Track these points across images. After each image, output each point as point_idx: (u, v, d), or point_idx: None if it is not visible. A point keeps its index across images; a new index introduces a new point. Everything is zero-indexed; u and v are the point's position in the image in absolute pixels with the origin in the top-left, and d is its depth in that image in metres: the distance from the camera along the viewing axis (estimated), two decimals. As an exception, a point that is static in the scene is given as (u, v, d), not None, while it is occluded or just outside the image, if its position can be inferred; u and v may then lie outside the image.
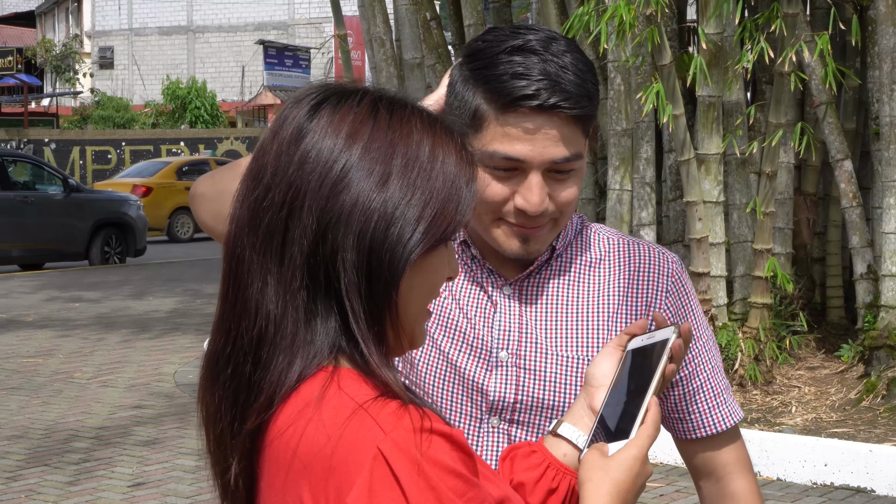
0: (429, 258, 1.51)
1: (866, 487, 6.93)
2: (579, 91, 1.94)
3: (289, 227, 1.48)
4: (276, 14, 52.41)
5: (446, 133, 1.54)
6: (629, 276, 2.09)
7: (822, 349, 9.25)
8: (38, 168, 21.52)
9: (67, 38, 58.00)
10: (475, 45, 1.99)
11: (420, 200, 1.48)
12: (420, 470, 1.41)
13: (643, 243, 2.14)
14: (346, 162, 1.48)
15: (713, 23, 8.37)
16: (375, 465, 1.42)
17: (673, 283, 2.11)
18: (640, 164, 9.18)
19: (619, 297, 2.08)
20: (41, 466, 7.76)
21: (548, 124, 1.93)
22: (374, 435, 1.43)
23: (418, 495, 1.41)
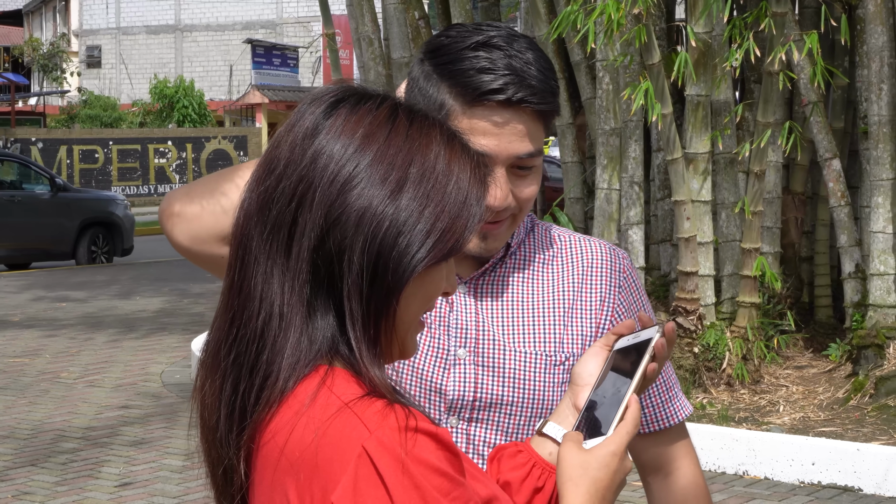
0: (431, 271, 1.52)
1: (854, 486, 6.93)
2: (544, 87, 1.96)
3: (297, 220, 1.49)
4: (264, 13, 52.34)
5: (463, 149, 1.55)
6: (582, 272, 2.11)
7: (809, 348, 9.26)
8: (24, 167, 21.45)
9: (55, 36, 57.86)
10: (438, 41, 1.99)
11: (432, 213, 1.49)
12: (404, 468, 1.42)
13: (594, 240, 2.16)
14: (359, 164, 1.49)
15: (702, 22, 8.36)
16: (360, 464, 1.42)
17: (624, 278, 2.14)
18: (629, 164, 9.18)
19: (573, 293, 2.09)
20: (28, 467, 7.73)
21: (514, 119, 1.94)
22: (359, 433, 1.43)
23: (402, 494, 1.41)
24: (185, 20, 53.61)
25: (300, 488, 1.45)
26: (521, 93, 1.92)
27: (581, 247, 2.14)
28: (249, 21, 52.22)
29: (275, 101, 42.27)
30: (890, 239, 8.53)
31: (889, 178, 8.54)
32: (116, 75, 54.78)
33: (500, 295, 2.07)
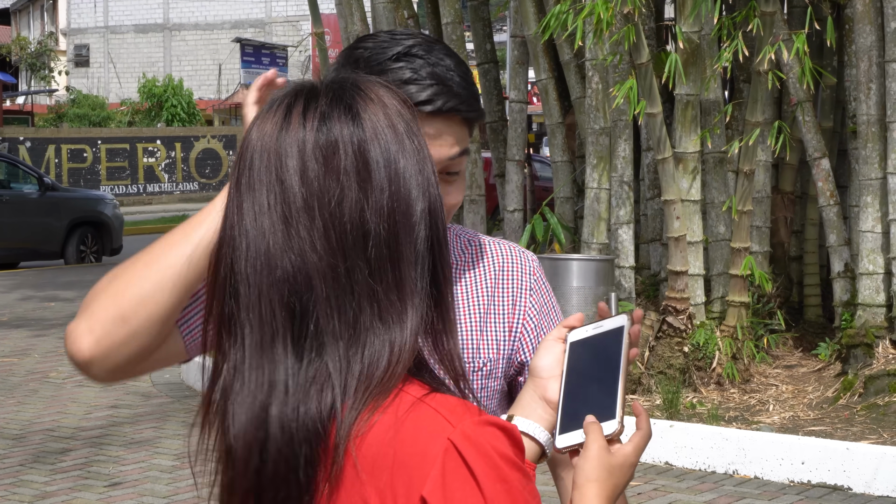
0: None
1: (843, 485, 6.94)
2: (468, 94, 1.98)
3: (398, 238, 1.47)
4: (252, 12, 52.29)
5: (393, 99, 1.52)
6: (494, 276, 2.14)
7: (799, 347, 9.28)
8: (13, 166, 21.39)
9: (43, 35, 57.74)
10: (356, 54, 1.98)
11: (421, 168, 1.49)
12: (491, 461, 1.42)
13: (503, 243, 2.19)
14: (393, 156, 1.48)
15: (691, 21, 8.37)
16: (448, 458, 1.41)
17: (535, 280, 2.17)
18: (618, 163, 9.18)
19: (487, 298, 2.12)
20: (17, 467, 7.71)
21: (444, 128, 1.96)
22: (441, 427, 1.43)
23: (491, 486, 1.41)
24: (173, 19, 53.53)
25: (380, 488, 1.43)
26: (450, 102, 1.94)
27: (492, 251, 2.17)
28: (238, 20, 52.17)
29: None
30: (879, 238, 8.55)
31: (878, 178, 8.56)
32: (105, 74, 54.68)
33: None
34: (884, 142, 8.53)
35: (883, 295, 8.52)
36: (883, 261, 8.54)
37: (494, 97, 11.16)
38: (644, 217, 9.86)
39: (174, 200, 36.97)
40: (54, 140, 35.31)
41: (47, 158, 34.45)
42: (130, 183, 36.48)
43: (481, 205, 10.48)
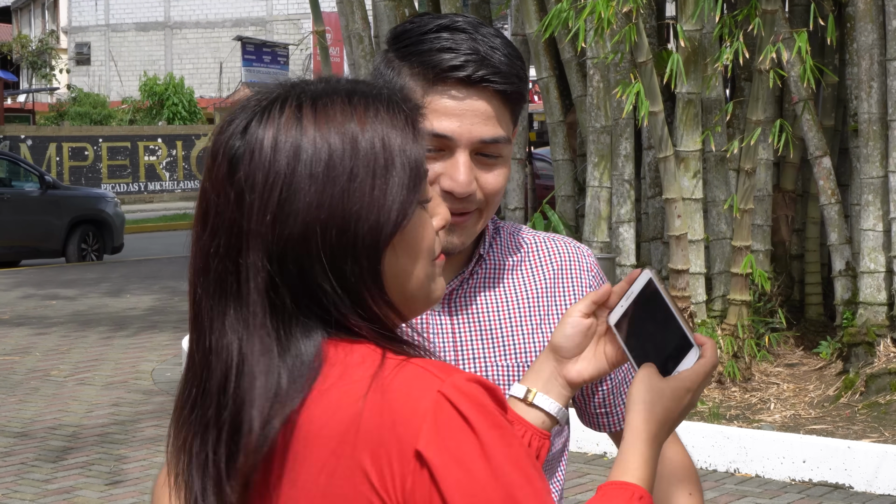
0: (400, 234, 1.49)
1: (844, 484, 6.94)
2: (509, 69, 1.89)
3: (239, 268, 1.47)
4: (253, 10, 52.27)
5: (375, 108, 1.50)
6: (553, 274, 2.08)
7: (800, 346, 9.27)
8: (14, 165, 21.39)
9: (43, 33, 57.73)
10: (401, 28, 1.95)
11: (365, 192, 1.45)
12: (484, 409, 1.42)
13: (559, 239, 2.12)
14: (283, 181, 1.45)
15: (692, 20, 8.36)
16: (440, 408, 1.40)
17: (593, 276, 2.11)
18: (619, 161, 9.18)
19: (547, 298, 2.06)
20: (18, 465, 7.72)
21: (476, 99, 1.88)
22: (430, 381, 1.42)
23: (486, 432, 1.40)
24: (174, 17, 53.53)
25: (375, 454, 1.41)
26: (482, 71, 1.86)
27: (548, 248, 2.10)
28: (239, 18, 52.16)
29: (265, 98, 42.11)
30: (880, 237, 8.55)
31: (879, 176, 8.55)
32: (106, 72, 54.67)
33: (473, 308, 2.02)
34: (885, 140, 8.53)
35: (884, 293, 8.52)
36: (884, 259, 8.54)
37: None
38: (645, 215, 9.86)
39: (175, 199, 36.98)
40: (55, 138, 35.30)
41: (48, 157, 34.45)
42: (131, 181, 36.48)
43: (482, 203, 10.46)
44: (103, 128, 39.41)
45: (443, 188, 1.89)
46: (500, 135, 1.91)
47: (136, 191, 36.49)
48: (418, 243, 1.51)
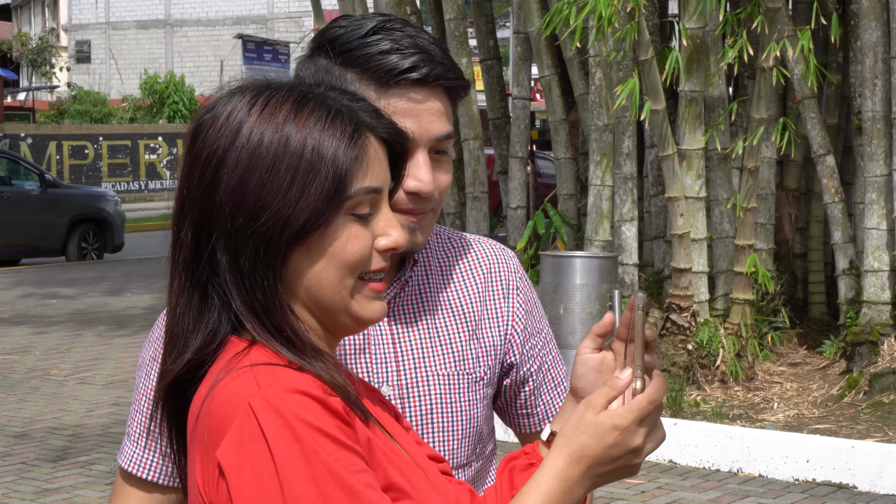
0: (317, 237, 1.54)
1: (848, 483, 6.91)
2: (452, 64, 1.92)
3: (178, 236, 1.59)
4: (254, 8, 52.27)
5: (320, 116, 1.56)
6: (482, 277, 2.08)
7: (803, 345, 9.25)
8: (14, 163, 21.37)
9: (43, 31, 57.73)
10: (331, 34, 1.92)
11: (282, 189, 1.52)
12: (286, 424, 1.45)
13: (484, 241, 2.13)
14: (217, 158, 1.55)
15: (695, 18, 8.34)
16: (244, 420, 1.46)
17: (519, 278, 2.11)
18: (622, 160, 9.15)
19: (479, 303, 2.06)
20: (18, 464, 7.69)
21: (431, 97, 1.90)
22: (249, 391, 1.48)
23: (282, 448, 1.44)
24: (175, 15, 53.52)
25: (203, 449, 1.50)
26: (436, 69, 1.88)
27: (475, 251, 2.10)
28: (240, 16, 52.16)
29: (265, 96, 42.13)
30: (884, 235, 8.52)
31: (883, 175, 8.52)
32: (106, 70, 54.67)
33: (412, 316, 2.02)
34: (889, 138, 8.50)
35: (888, 292, 8.49)
36: (888, 258, 8.51)
37: (497, 94, 11.12)
38: (647, 214, 9.83)
39: (176, 197, 36.94)
40: (55, 136, 35.29)
41: (48, 155, 34.43)
42: (132, 180, 36.47)
43: (484, 202, 10.45)
44: (104, 126, 39.41)
45: (407, 190, 1.89)
46: (450, 130, 1.94)
47: (136, 189, 36.48)
48: (338, 253, 1.55)
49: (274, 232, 1.52)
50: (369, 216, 1.58)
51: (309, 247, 1.54)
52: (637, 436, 1.61)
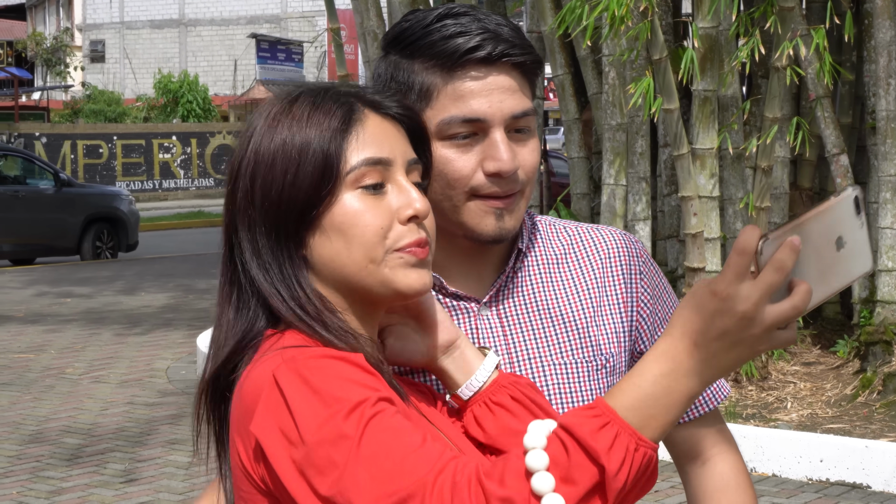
0: (329, 216, 1.60)
1: (862, 483, 6.90)
2: (521, 41, 1.86)
3: (224, 239, 1.69)
4: (268, 7, 52.32)
5: (310, 110, 1.64)
6: (601, 264, 2.01)
7: (817, 345, 9.23)
8: (28, 162, 21.43)
9: (58, 31, 57.86)
10: (396, 30, 1.90)
11: (278, 180, 1.61)
12: (300, 375, 1.49)
13: (602, 228, 2.06)
14: (238, 164, 1.65)
15: (709, 17, 8.33)
16: (269, 390, 1.50)
17: (643, 262, 2.04)
18: (635, 159, 9.15)
19: (598, 289, 1.99)
20: (33, 463, 7.72)
21: (499, 76, 1.84)
22: (274, 365, 1.53)
23: (293, 390, 1.48)
24: (189, 14, 53.61)
25: (242, 431, 1.54)
26: (500, 47, 1.82)
27: (592, 238, 2.03)
28: (254, 16, 52.21)
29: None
30: (898, 235, 8.50)
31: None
32: (120, 70, 54.78)
33: (523, 306, 1.96)
34: (903, 138, 8.48)
35: (902, 292, 8.48)
36: (902, 257, 8.49)
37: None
38: (661, 213, 9.82)
39: (190, 196, 37.02)
40: (70, 136, 35.37)
41: (63, 154, 34.52)
42: (146, 179, 36.54)
43: (497, 201, 10.44)
44: (118, 125, 39.49)
45: (487, 172, 1.84)
46: (528, 107, 1.87)
47: (150, 188, 36.55)
48: (352, 227, 1.60)
49: (281, 218, 1.61)
50: (380, 187, 1.62)
51: (323, 227, 1.60)
52: (745, 301, 1.41)
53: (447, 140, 1.83)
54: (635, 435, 1.42)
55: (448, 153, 1.83)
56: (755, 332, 1.42)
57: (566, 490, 1.40)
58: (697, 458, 2.09)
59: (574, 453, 1.41)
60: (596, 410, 1.43)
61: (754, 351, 1.43)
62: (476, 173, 1.83)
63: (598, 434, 1.41)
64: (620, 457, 1.40)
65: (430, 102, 1.84)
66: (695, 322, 1.43)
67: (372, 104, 1.66)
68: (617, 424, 1.42)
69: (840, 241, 1.44)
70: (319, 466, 1.45)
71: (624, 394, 1.44)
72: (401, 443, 1.45)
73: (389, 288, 1.61)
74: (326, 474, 1.44)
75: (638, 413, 1.43)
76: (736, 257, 1.41)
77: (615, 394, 1.45)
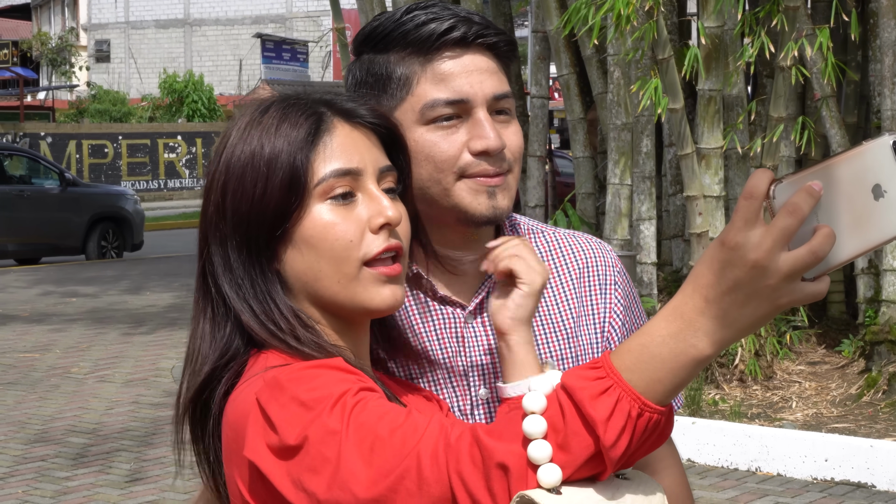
0: (299, 229, 1.58)
1: (867, 483, 6.90)
2: (493, 25, 1.87)
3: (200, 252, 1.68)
4: (273, 7, 52.33)
5: (278, 121, 1.62)
6: (578, 272, 1.99)
7: (822, 344, 9.22)
8: (34, 162, 21.44)
9: (63, 30, 57.87)
10: (367, 29, 1.90)
11: (248, 192, 1.59)
12: (281, 389, 1.48)
13: (579, 236, 2.05)
14: (211, 177, 1.65)
15: (714, 16, 8.32)
16: (254, 412, 1.50)
17: (617, 272, 2.03)
18: (640, 159, 9.14)
19: (577, 300, 1.98)
20: (38, 462, 7.72)
21: (475, 56, 1.84)
22: (255, 387, 1.51)
23: (276, 408, 1.47)
24: (194, 14, 53.62)
25: (236, 460, 1.54)
26: (474, 28, 1.84)
27: (570, 245, 2.02)
28: (259, 15, 52.22)
29: (284, 95, 42.12)
30: (903, 234, 8.48)
31: (902, 174, 8.49)
32: (125, 70, 54.79)
33: None
34: (908, 137, 8.46)
35: (907, 291, 8.47)
36: (907, 257, 8.48)
37: (516, 93, 11.13)
38: (666, 213, 9.82)
39: (195, 196, 37.01)
40: (75, 135, 35.39)
41: (68, 154, 34.53)
42: (151, 178, 36.55)
43: (502, 200, 10.44)
44: (123, 125, 39.50)
45: (474, 151, 1.83)
46: (507, 89, 1.87)
47: (155, 188, 36.56)
48: (322, 240, 1.58)
49: (252, 232, 1.59)
50: (349, 197, 1.60)
51: (295, 241, 1.59)
52: (755, 249, 1.30)
53: (431, 124, 1.83)
54: (639, 400, 1.36)
55: (433, 136, 1.83)
56: (771, 283, 1.30)
57: (563, 458, 1.38)
58: (644, 471, 2.08)
59: (571, 420, 1.38)
60: (600, 371, 1.38)
61: (774, 305, 1.31)
62: (463, 153, 1.83)
63: (597, 401, 1.36)
64: (620, 425, 1.36)
65: (410, 89, 1.84)
66: (705, 276, 1.33)
67: (343, 113, 1.65)
68: (619, 388, 1.36)
69: (878, 190, 1.32)
70: (314, 467, 1.44)
71: (630, 353, 1.37)
72: (387, 422, 1.44)
73: (360, 305, 1.60)
74: (321, 472, 1.44)
75: (643, 376, 1.36)
76: (744, 202, 1.31)
77: (621, 353, 1.38)
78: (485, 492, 1.39)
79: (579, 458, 1.38)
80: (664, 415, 1.38)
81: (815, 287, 1.32)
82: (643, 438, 1.38)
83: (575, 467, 1.38)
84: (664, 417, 1.38)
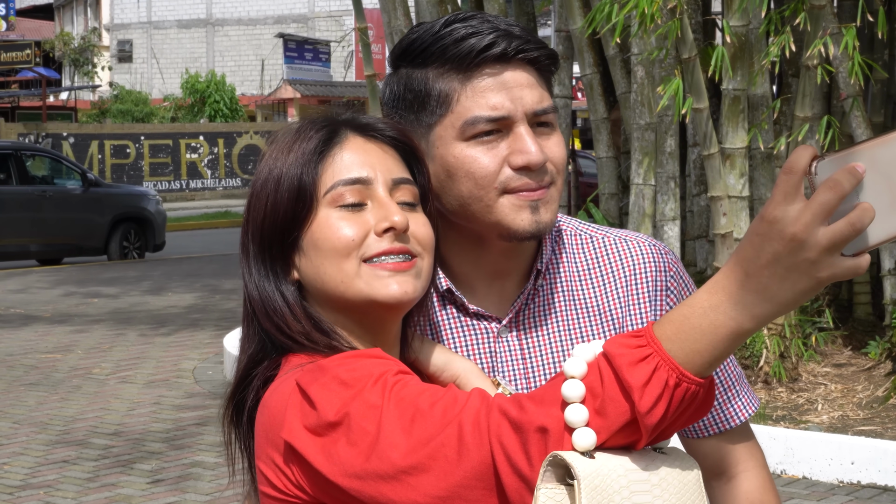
0: (308, 236, 1.66)
1: (894, 486, 6.84)
2: (534, 38, 1.84)
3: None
4: (295, 7, 52.42)
5: (288, 140, 1.73)
6: (625, 281, 1.94)
7: (848, 346, 9.16)
8: (56, 162, 21.50)
9: (86, 31, 58.08)
10: (405, 41, 1.87)
11: (263, 206, 1.70)
12: (322, 371, 1.55)
13: (631, 237, 1.99)
14: (250, 193, 1.75)
15: (738, 15, 8.27)
16: (293, 395, 1.55)
17: (671, 277, 1.97)
18: (664, 159, 9.09)
19: (621, 306, 1.93)
20: (60, 463, 7.72)
21: (516, 72, 1.81)
22: (297, 375, 1.58)
23: (318, 388, 1.53)
24: (216, 14, 53.74)
25: (270, 450, 1.58)
26: (514, 43, 1.80)
27: (619, 250, 1.96)
28: (281, 15, 52.32)
29: (307, 95, 42.29)
30: (930, 235, 8.42)
31: (929, 174, 8.42)
32: (148, 70, 54.96)
33: (544, 328, 1.91)
34: (935, 137, 8.39)
35: (934, 293, 8.40)
36: (934, 258, 8.42)
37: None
38: (690, 213, 9.76)
39: (217, 196, 37.10)
40: (97, 136, 35.50)
41: (90, 154, 34.64)
42: (173, 179, 36.64)
43: (525, 201, 10.41)
44: (145, 125, 39.61)
45: (514, 166, 1.80)
46: (549, 103, 1.85)
47: (177, 188, 36.64)
48: (326, 241, 1.64)
49: (266, 242, 1.68)
50: (359, 206, 1.65)
51: (304, 248, 1.66)
52: (794, 223, 1.31)
53: (471, 140, 1.81)
54: (677, 370, 1.37)
55: (473, 152, 1.80)
56: (810, 256, 1.31)
57: (599, 423, 1.40)
58: (723, 475, 2.04)
59: (609, 385, 1.39)
60: (641, 339, 1.40)
61: (814, 279, 1.32)
62: (504, 168, 1.81)
63: (635, 367, 1.38)
64: (656, 393, 1.37)
65: (450, 106, 1.81)
66: (746, 249, 1.34)
67: (358, 127, 1.70)
68: (658, 356, 1.38)
69: None
70: (353, 440, 1.48)
71: (672, 323, 1.39)
72: (427, 396, 1.48)
73: (367, 298, 1.63)
74: (360, 444, 1.47)
75: (683, 346, 1.38)
76: (784, 177, 1.32)
77: (664, 323, 1.40)
78: (522, 455, 1.41)
79: (615, 424, 1.39)
80: (703, 387, 1.40)
81: (855, 262, 1.32)
82: (680, 409, 1.39)
83: (610, 433, 1.40)
84: (703, 389, 1.40)
